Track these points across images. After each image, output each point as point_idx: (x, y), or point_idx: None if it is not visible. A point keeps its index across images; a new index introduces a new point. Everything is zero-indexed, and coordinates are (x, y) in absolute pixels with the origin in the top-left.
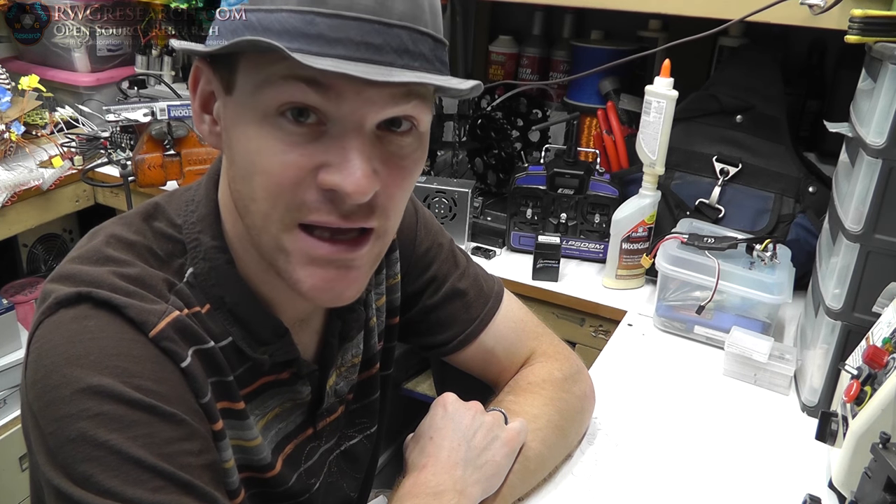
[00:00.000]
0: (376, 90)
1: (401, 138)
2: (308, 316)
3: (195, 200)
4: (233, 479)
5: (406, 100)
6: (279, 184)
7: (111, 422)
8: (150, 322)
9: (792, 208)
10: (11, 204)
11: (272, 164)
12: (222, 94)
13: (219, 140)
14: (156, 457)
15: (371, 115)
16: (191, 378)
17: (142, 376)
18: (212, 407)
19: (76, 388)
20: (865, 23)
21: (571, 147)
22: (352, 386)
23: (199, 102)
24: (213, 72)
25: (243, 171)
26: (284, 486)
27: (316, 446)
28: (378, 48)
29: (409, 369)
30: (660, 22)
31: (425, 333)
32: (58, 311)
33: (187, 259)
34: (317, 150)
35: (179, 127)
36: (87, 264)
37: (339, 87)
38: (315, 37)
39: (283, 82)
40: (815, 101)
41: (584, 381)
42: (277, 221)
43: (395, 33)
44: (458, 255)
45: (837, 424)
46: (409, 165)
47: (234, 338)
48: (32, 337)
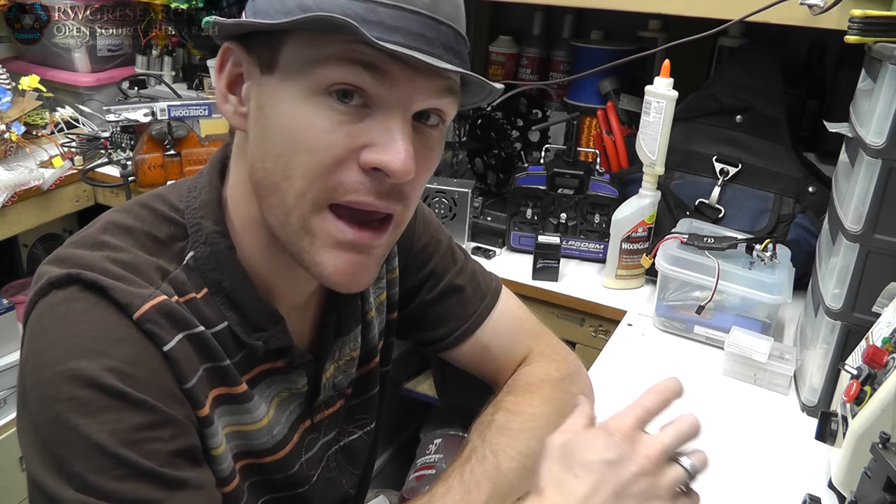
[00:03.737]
0: (425, 80)
1: (430, 130)
2: (305, 304)
3: (198, 187)
4: (223, 467)
5: (446, 94)
6: (322, 161)
7: (83, 406)
8: (134, 304)
9: (792, 208)
10: (11, 204)
11: (318, 142)
12: (257, 73)
13: (243, 121)
14: (120, 444)
15: (417, 102)
16: (173, 362)
17: (118, 359)
18: (196, 393)
19: (57, 369)
20: (865, 23)
21: (571, 147)
22: (351, 380)
23: (226, 83)
24: (246, 52)
25: (280, 149)
26: (285, 473)
27: (315, 438)
28: (431, 41)
29: (409, 369)
30: (660, 22)
31: (423, 328)
32: (50, 293)
33: (188, 242)
34: (362, 131)
35: (180, 127)
36: (81, 248)
37: (393, 73)
38: (376, 24)
39: (339, 63)
40: (814, 101)
41: (582, 380)
42: (310, 201)
43: (443, 30)
44: (456, 251)
45: (837, 424)
46: (433, 158)
47: (230, 322)
48: (28, 317)
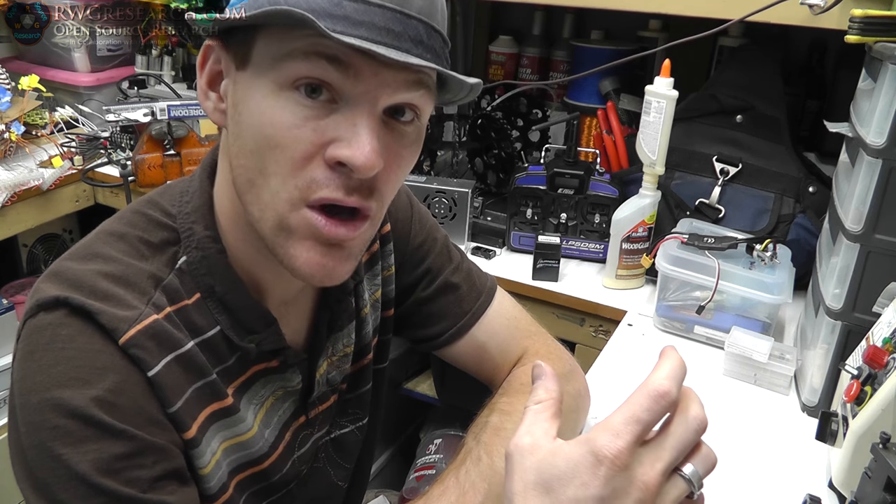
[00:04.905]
0: (392, 74)
1: (403, 127)
2: (294, 299)
3: (189, 191)
4: (210, 485)
5: (416, 88)
6: (292, 157)
7: (65, 436)
8: (120, 329)
9: (792, 208)
10: (11, 204)
11: (286, 138)
12: (233, 70)
13: (223, 117)
14: (102, 474)
15: (384, 96)
16: (158, 387)
17: (102, 388)
18: (182, 416)
19: (42, 397)
20: (865, 23)
21: (571, 147)
22: (345, 376)
23: (206, 80)
24: (224, 49)
25: (253, 145)
26: (280, 474)
27: (308, 434)
28: (398, 35)
29: (408, 369)
30: (660, 22)
31: (418, 326)
32: (38, 314)
33: (181, 247)
34: (328, 126)
35: (179, 127)
36: (75, 261)
37: (358, 66)
38: (341, 18)
39: (304, 58)
40: (815, 101)
41: (577, 379)
42: (286, 200)
43: (413, 24)
44: (451, 250)
45: (837, 424)
46: (406, 155)
47: (222, 327)
48: (19, 336)
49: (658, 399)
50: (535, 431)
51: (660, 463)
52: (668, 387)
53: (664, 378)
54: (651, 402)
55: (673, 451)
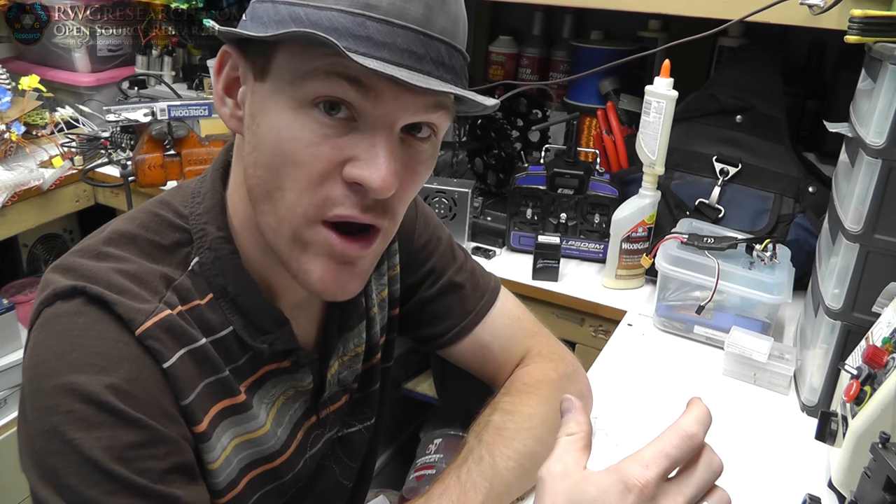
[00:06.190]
0: (412, 97)
1: (420, 143)
2: (306, 301)
3: (201, 192)
4: (220, 479)
5: (435, 109)
6: (309, 175)
7: (79, 421)
8: (137, 320)
9: (792, 208)
10: (11, 204)
11: (304, 155)
12: (251, 79)
13: (239, 124)
14: (114, 461)
15: (403, 118)
16: (172, 379)
17: (118, 376)
18: (194, 409)
19: (56, 382)
20: (865, 23)
21: (571, 147)
22: (356, 375)
23: (223, 85)
24: (242, 57)
25: (270, 159)
26: (292, 473)
27: (320, 434)
28: (420, 57)
29: (409, 369)
30: (660, 22)
31: (422, 325)
32: (55, 303)
33: (193, 248)
34: (346, 144)
35: (180, 127)
36: (86, 258)
37: (379, 89)
38: (364, 38)
39: (325, 77)
40: (814, 101)
41: (580, 380)
42: (301, 216)
43: (435, 46)
44: (456, 249)
45: (837, 424)
46: (422, 171)
47: (235, 327)
48: (33, 325)
49: (687, 439)
50: (566, 459)
51: (682, 497)
52: (696, 430)
53: (693, 422)
54: (680, 441)
55: (695, 487)
